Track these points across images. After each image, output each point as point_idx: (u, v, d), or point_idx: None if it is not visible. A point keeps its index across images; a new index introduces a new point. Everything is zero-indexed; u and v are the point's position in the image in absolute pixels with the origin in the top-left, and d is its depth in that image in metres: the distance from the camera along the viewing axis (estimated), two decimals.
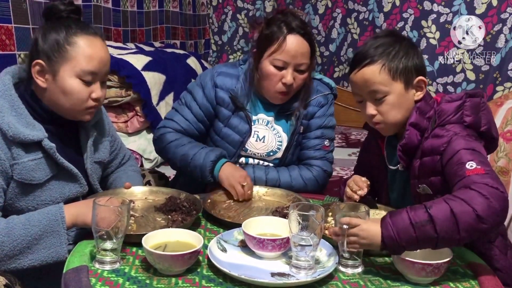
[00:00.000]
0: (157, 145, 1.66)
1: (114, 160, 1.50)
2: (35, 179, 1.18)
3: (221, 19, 3.96)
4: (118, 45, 2.69)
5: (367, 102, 1.28)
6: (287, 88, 1.53)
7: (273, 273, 1.02)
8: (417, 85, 1.27)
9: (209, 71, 1.67)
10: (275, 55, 1.50)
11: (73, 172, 1.25)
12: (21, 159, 1.16)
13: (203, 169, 1.51)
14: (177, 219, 1.23)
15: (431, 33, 3.08)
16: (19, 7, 2.03)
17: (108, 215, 1.01)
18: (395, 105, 1.25)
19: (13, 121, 1.15)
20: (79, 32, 1.19)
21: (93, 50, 1.19)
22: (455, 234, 0.99)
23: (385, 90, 1.25)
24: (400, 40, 1.29)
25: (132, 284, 0.97)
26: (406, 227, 0.99)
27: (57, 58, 1.18)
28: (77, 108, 1.22)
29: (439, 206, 1.01)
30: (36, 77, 1.19)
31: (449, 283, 1.04)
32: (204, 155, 1.52)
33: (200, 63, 3.10)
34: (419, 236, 0.99)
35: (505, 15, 2.87)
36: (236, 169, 1.51)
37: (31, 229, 1.09)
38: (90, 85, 1.21)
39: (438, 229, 0.99)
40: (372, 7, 3.32)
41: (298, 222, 0.99)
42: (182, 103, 1.66)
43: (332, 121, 1.70)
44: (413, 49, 1.28)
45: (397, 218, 1.01)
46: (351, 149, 2.88)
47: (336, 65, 3.58)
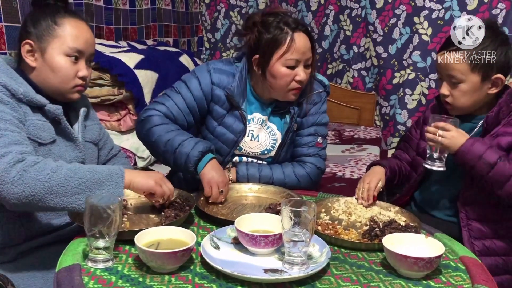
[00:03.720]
0: (142, 126, 1.55)
1: (103, 150, 1.51)
2: (41, 138, 1.23)
3: (214, 16, 3.95)
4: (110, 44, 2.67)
5: (444, 81, 1.42)
6: (300, 84, 1.53)
7: (266, 269, 1.02)
8: (494, 81, 1.37)
9: (204, 66, 1.63)
10: (286, 55, 1.49)
11: (72, 135, 1.31)
12: (29, 117, 1.22)
13: (189, 158, 1.44)
14: (170, 215, 1.23)
15: (423, 29, 3.09)
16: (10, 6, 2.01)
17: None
18: (467, 94, 1.38)
19: (18, 85, 1.22)
20: (67, 16, 1.29)
21: (79, 31, 1.29)
22: (498, 189, 1.30)
23: (461, 78, 1.37)
24: (495, 35, 1.36)
25: (125, 282, 0.97)
26: (477, 154, 1.29)
27: (46, 36, 1.25)
28: (65, 86, 1.29)
29: (508, 164, 1.28)
30: (25, 56, 1.26)
31: (441, 277, 1.05)
32: (193, 144, 1.46)
33: (193, 60, 3.09)
34: (478, 165, 1.29)
35: (496, 11, 2.88)
36: (220, 170, 1.46)
37: (95, 174, 1.14)
38: (76, 63, 1.28)
39: (491, 175, 1.29)
40: (365, 4, 3.32)
41: (290, 218, 0.99)
42: (175, 90, 1.60)
43: (325, 118, 1.70)
44: (504, 46, 1.37)
45: (478, 144, 1.30)
46: (344, 146, 2.88)
47: (329, 62, 3.58)
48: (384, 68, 3.29)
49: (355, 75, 3.48)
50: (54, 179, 1.09)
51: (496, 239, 1.42)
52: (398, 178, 1.58)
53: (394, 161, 1.61)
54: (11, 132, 1.14)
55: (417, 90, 3.18)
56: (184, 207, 1.29)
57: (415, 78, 3.17)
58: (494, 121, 1.39)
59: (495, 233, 1.41)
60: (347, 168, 2.43)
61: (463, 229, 1.42)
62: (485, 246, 1.40)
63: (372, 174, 1.49)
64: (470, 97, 1.39)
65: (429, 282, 1.03)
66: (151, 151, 1.61)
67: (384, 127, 3.37)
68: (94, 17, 2.67)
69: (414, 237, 1.13)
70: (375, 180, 1.44)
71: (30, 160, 1.10)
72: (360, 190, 1.43)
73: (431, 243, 1.10)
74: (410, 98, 3.19)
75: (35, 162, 1.10)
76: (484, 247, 1.40)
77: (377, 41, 3.30)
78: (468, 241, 1.40)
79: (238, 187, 1.52)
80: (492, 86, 1.38)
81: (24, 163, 1.09)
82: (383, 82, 3.31)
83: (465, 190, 1.43)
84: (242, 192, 1.51)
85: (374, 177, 1.46)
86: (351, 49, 3.47)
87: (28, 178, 1.08)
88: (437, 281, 1.03)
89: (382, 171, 1.50)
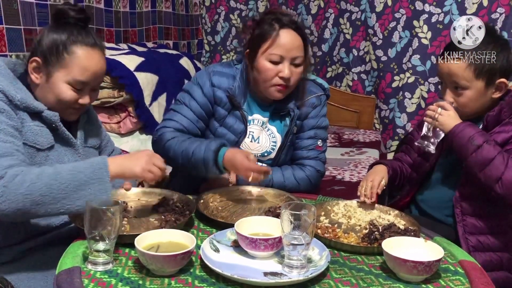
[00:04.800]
0: (157, 145, 1.59)
1: (103, 153, 1.51)
2: (38, 144, 1.23)
3: (214, 19, 3.95)
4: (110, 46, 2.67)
5: (447, 89, 1.42)
6: (285, 81, 1.53)
7: (265, 273, 1.02)
8: (498, 86, 1.38)
9: (204, 71, 1.66)
10: (270, 50, 1.51)
11: (71, 141, 1.31)
12: (26, 123, 1.22)
13: (207, 162, 1.45)
14: (170, 219, 1.23)
15: (422, 33, 3.09)
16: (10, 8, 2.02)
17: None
18: (472, 100, 1.39)
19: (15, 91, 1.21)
20: (80, 42, 1.25)
21: (89, 63, 1.25)
22: (479, 171, 1.32)
23: (466, 85, 1.38)
24: (495, 40, 1.38)
25: (124, 285, 0.97)
26: (467, 135, 1.33)
27: (54, 62, 1.24)
28: (63, 108, 1.28)
29: (493, 148, 1.30)
30: (31, 72, 1.26)
31: (440, 281, 1.05)
32: (204, 148, 1.47)
33: (193, 63, 3.09)
34: (466, 145, 1.33)
35: (495, 15, 2.88)
36: (238, 152, 1.44)
37: (78, 175, 1.11)
38: (79, 91, 1.27)
39: (474, 155, 1.31)
40: (365, 7, 3.33)
41: (290, 222, 1.00)
42: (180, 102, 1.63)
43: (325, 122, 1.71)
44: (506, 50, 1.38)
45: (471, 127, 1.34)
46: (344, 149, 2.88)
47: (329, 65, 3.59)
48: (384, 72, 3.29)
49: (355, 78, 3.48)
50: (35, 190, 1.07)
51: (490, 235, 1.42)
52: (399, 179, 1.59)
53: (396, 162, 1.63)
54: (3, 143, 1.13)
55: (416, 93, 3.18)
56: (184, 212, 1.29)
57: (415, 82, 3.17)
58: (495, 120, 1.39)
59: (489, 229, 1.42)
60: (347, 171, 2.44)
61: (458, 225, 1.42)
62: (479, 242, 1.41)
63: (375, 172, 1.49)
64: (475, 103, 1.40)
65: (428, 286, 1.03)
66: (175, 166, 1.63)
67: (384, 130, 3.37)
68: (94, 19, 2.67)
69: (414, 241, 1.13)
70: (378, 178, 1.45)
71: (9, 175, 1.07)
72: (363, 188, 1.43)
73: (431, 247, 1.10)
74: (410, 102, 3.20)
75: (15, 175, 1.07)
76: (479, 242, 1.41)
77: (377, 44, 3.31)
78: (463, 237, 1.41)
79: (238, 190, 1.52)
80: (496, 91, 1.39)
81: (4, 180, 1.06)
82: (382, 86, 3.31)
83: (461, 186, 1.43)
84: (241, 195, 1.51)
85: (377, 175, 1.47)
86: (350, 53, 3.48)
87: (10, 193, 1.05)
88: (436, 285, 1.03)
89: (385, 169, 1.51)
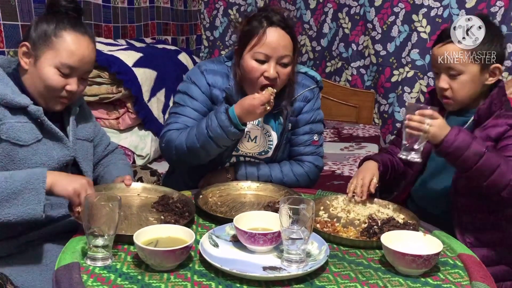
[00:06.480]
0: (168, 151, 1.54)
1: (99, 147, 1.51)
2: (21, 140, 1.22)
3: (212, 14, 3.94)
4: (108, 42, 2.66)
5: (442, 75, 1.41)
6: (270, 82, 1.49)
7: (264, 267, 1.02)
8: (492, 71, 1.38)
9: (196, 70, 1.62)
10: (255, 48, 1.47)
11: (59, 135, 1.29)
12: (7, 120, 1.21)
13: (223, 125, 1.42)
14: (170, 220, 1.22)
15: (422, 27, 3.08)
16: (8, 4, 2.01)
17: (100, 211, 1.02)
18: (467, 85, 1.38)
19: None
20: (69, 28, 1.26)
21: (76, 47, 1.26)
22: (483, 181, 1.25)
23: (460, 69, 1.37)
24: (488, 26, 1.38)
25: (124, 280, 0.98)
26: (464, 144, 1.24)
27: (42, 45, 1.24)
28: (50, 94, 1.27)
29: (495, 155, 1.25)
30: (20, 57, 1.26)
31: (439, 274, 1.05)
32: (214, 117, 1.44)
33: (191, 59, 3.09)
34: (464, 157, 1.24)
35: (494, 8, 2.88)
36: (242, 102, 1.44)
37: (13, 183, 1.11)
38: (67, 77, 1.26)
39: (477, 166, 1.24)
40: (363, 2, 3.32)
41: (288, 216, 1.00)
42: (181, 105, 1.59)
43: (320, 115, 1.68)
44: (498, 36, 1.39)
45: (463, 134, 1.25)
46: (343, 144, 2.88)
47: (328, 60, 3.58)
48: (383, 66, 3.29)
49: (354, 73, 3.48)
50: None
51: (487, 230, 1.41)
52: (390, 173, 1.57)
53: (387, 156, 1.60)
54: None
55: (415, 88, 3.18)
56: (184, 213, 1.27)
57: (414, 76, 3.17)
58: (486, 113, 1.39)
59: (486, 224, 1.41)
60: (346, 166, 2.44)
61: (454, 220, 1.42)
62: (476, 237, 1.40)
63: (365, 169, 1.48)
64: (469, 89, 1.39)
65: (427, 279, 1.03)
66: (195, 161, 1.55)
67: (383, 125, 3.37)
68: (92, 15, 2.67)
69: (413, 235, 1.13)
70: (369, 175, 1.43)
71: None
72: (353, 185, 1.42)
73: (430, 240, 1.10)
74: (409, 96, 3.19)
75: None
76: (476, 238, 1.40)
77: (376, 39, 3.30)
78: (460, 232, 1.41)
79: (237, 185, 1.52)
80: (490, 76, 1.39)
81: None
82: (381, 80, 3.31)
83: (456, 181, 1.43)
84: (240, 190, 1.51)
85: (368, 172, 1.45)
86: (349, 47, 3.47)
87: None
88: (435, 278, 1.03)
89: (375, 166, 1.49)
